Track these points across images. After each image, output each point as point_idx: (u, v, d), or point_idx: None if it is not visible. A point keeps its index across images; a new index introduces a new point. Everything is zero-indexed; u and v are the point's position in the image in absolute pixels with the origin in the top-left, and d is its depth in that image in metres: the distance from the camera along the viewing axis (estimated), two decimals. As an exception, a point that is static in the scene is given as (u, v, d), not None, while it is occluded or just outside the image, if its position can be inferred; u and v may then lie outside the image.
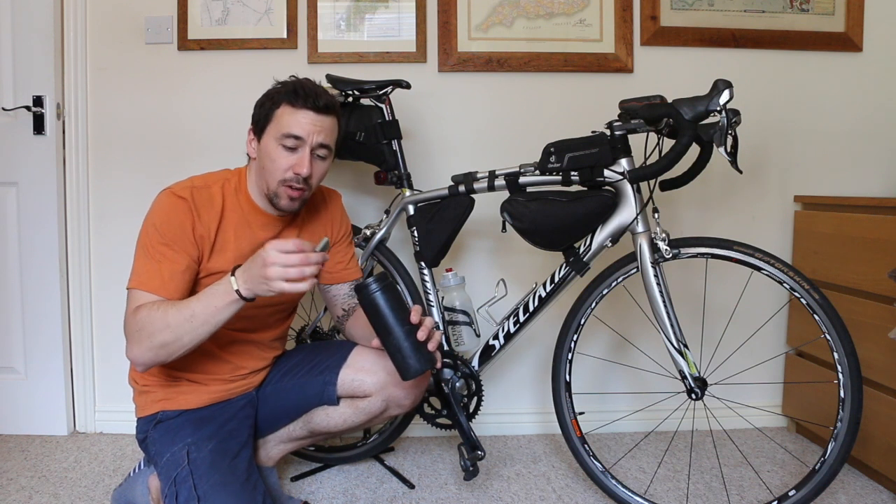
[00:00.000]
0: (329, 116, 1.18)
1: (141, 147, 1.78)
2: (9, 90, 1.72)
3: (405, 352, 1.07)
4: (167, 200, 1.14)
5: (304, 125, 1.14)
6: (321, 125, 1.16)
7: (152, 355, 1.05)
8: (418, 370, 1.07)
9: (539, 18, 1.79)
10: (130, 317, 1.07)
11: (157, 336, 1.03)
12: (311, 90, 1.16)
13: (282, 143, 1.15)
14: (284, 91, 1.16)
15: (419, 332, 1.07)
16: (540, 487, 1.52)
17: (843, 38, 1.83)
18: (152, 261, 1.10)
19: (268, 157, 1.17)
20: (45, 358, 1.78)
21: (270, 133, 1.17)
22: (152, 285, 1.08)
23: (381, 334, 1.08)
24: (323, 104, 1.16)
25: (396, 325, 1.06)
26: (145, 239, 1.12)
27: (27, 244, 1.76)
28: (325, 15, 1.77)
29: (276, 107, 1.16)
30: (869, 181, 1.88)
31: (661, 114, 1.20)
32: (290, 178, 1.16)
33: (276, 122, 1.16)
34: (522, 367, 1.87)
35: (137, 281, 1.09)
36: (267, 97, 1.19)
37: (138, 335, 1.05)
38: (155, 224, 1.12)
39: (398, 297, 1.09)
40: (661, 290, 1.27)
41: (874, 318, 1.49)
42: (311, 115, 1.15)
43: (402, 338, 1.06)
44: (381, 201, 1.80)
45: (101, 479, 1.53)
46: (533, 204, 1.33)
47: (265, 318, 1.30)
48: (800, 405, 1.81)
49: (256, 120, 1.20)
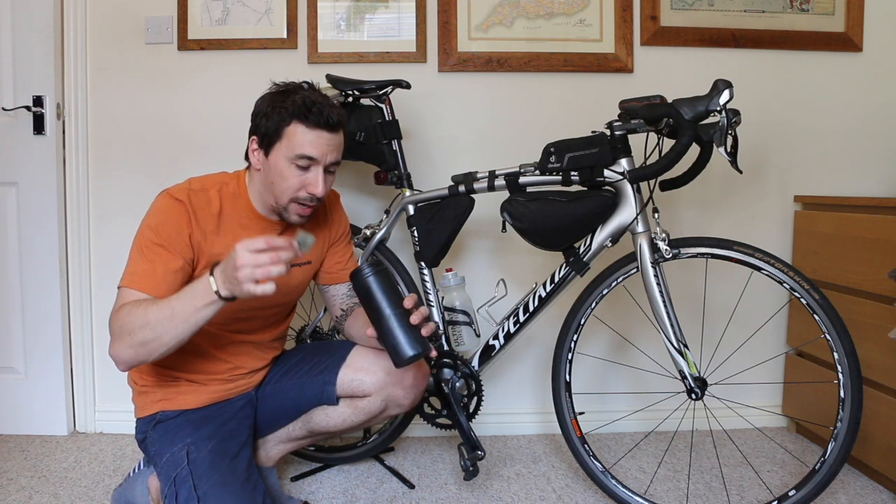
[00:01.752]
0: (340, 132, 1.16)
1: (141, 147, 1.78)
2: (9, 90, 1.72)
3: (397, 335, 1.05)
4: (164, 203, 1.13)
5: (319, 146, 1.11)
6: (334, 143, 1.14)
7: (133, 353, 1.02)
8: (411, 355, 1.04)
9: (539, 18, 1.79)
10: (114, 314, 1.05)
11: (137, 334, 1.00)
12: (322, 106, 1.11)
13: (295, 162, 1.12)
14: (293, 106, 1.11)
15: (412, 317, 1.06)
16: (540, 487, 1.52)
17: (843, 38, 1.83)
18: (146, 260, 1.09)
19: (278, 174, 1.13)
20: (45, 358, 1.78)
21: (281, 151, 1.12)
22: (145, 285, 1.07)
23: (374, 318, 1.07)
24: (336, 121, 1.12)
25: (389, 308, 1.05)
26: (141, 239, 1.11)
27: (27, 244, 1.76)
28: (325, 15, 1.77)
29: (285, 123, 1.11)
30: (869, 181, 1.88)
31: (661, 114, 1.20)
32: (304, 196, 1.14)
33: (287, 140, 1.11)
34: (522, 367, 1.87)
35: (129, 280, 1.08)
36: (272, 108, 1.12)
37: (119, 332, 1.02)
38: (151, 225, 1.11)
39: (391, 282, 1.08)
40: (661, 290, 1.27)
41: (874, 318, 1.49)
42: (325, 135, 1.12)
43: (395, 320, 1.05)
44: (381, 201, 1.80)
45: (101, 479, 1.53)
46: (533, 204, 1.33)
47: (264, 319, 1.30)
48: (800, 405, 1.81)
49: (264, 133, 1.14)
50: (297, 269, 1.30)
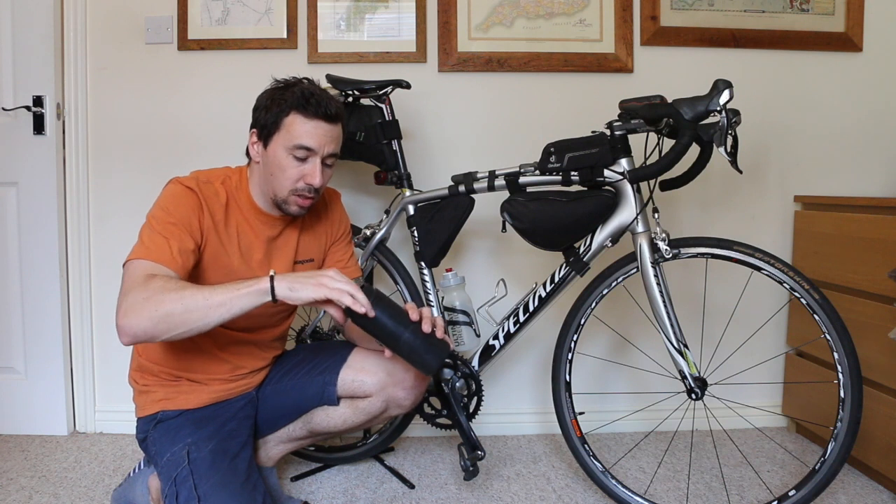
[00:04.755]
0: (338, 124, 1.17)
1: (141, 147, 1.78)
2: (9, 90, 1.72)
3: (419, 350, 1.05)
4: (176, 188, 1.13)
5: (317, 136, 1.12)
6: (332, 134, 1.15)
7: (150, 325, 0.95)
8: (439, 361, 1.06)
9: (539, 18, 1.79)
10: (139, 284, 0.98)
11: (165, 305, 0.95)
12: (321, 98, 1.13)
13: (292, 153, 1.13)
14: (292, 98, 1.13)
15: (423, 326, 1.06)
16: (540, 487, 1.52)
17: (843, 38, 1.83)
18: (160, 236, 1.06)
19: (277, 166, 1.14)
20: (45, 358, 1.78)
21: (279, 142, 1.14)
22: (163, 257, 1.03)
23: (390, 344, 1.06)
24: (334, 112, 1.14)
25: (401, 330, 1.05)
26: (152, 220, 1.09)
27: (27, 244, 1.76)
28: (325, 15, 1.77)
29: (284, 114, 1.13)
30: (869, 181, 1.88)
31: (661, 114, 1.20)
32: (302, 188, 1.15)
33: (285, 131, 1.13)
34: (522, 367, 1.87)
35: (145, 251, 1.03)
36: (272, 101, 1.14)
37: (143, 303, 0.95)
38: (164, 207, 1.10)
39: (391, 304, 1.07)
40: (661, 290, 1.27)
41: (874, 318, 1.49)
42: (323, 125, 1.13)
43: (412, 339, 1.05)
44: (381, 201, 1.80)
45: (101, 479, 1.53)
46: (533, 204, 1.33)
47: (265, 319, 1.29)
48: (800, 405, 1.81)
49: (263, 125, 1.15)
50: (298, 267, 1.30)
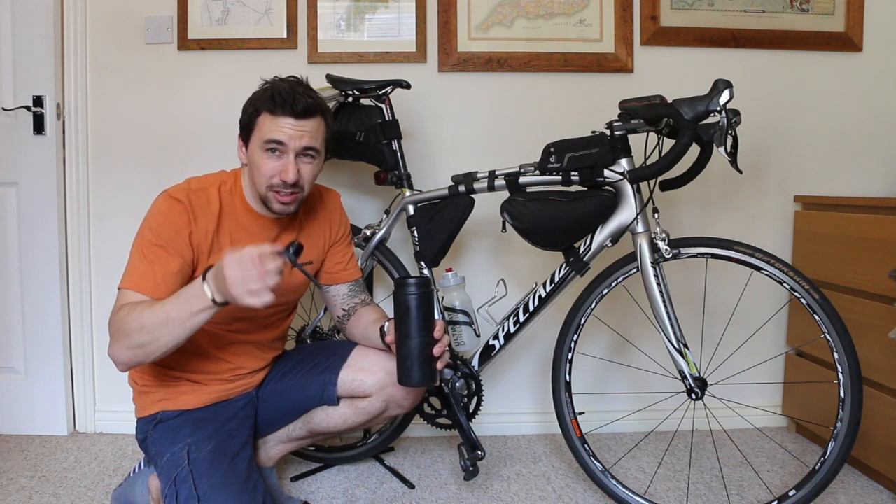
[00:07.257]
0: (311, 119, 1.15)
1: (141, 147, 1.78)
2: (9, 90, 1.72)
3: (415, 360, 1.07)
4: (164, 203, 1.15)
5: (285, 131, 1.13)
6: (303, 129, 1.14)
7: (131, 354, 1.04)
8: (418, 382, 1.08)
9: (539, 18, 1.79)
10: (113, 315, 1.06)
11: (134, 337, 1.02)
12: (288, 95, 1.12)
13: (265, 148, 1.14)
14: (263, 97, 1.14)
15: (436, 348, 1.08)
16: (540, 487, 1.52)
17: (843, 38, 1.83)
18: (146, 262, 1.10)
19: (254, 164, 1.16)
20: (45, 358, 1.78)
21: (255, 141, 1.16)
22: (144, 286, 1.08)
23: (401, 335, 1.08)
24: (302, 108, 1.13)
25: (417, 333, 1.06)
26: (140, 240, 1.12)
27: (27, 244, 1.76)
28: (325, 15, 1.77)
29: (257, 114, 1.15)
30: (869, 181, 1.88)
31: (661, 114, 1.21)
32: (277, 184, 1.15)
33: (258, 130, 1.15)
34: (522, 367, 1.87)
35: (129, 281, 1.09)
36: (250, 102, 1.17)
37: (117, 334, 1.04)
38: (151, 226, 1.12)
39: (431, 307, 1.09)
40: (661, 290, 1.27)
41: (874, 318, 1.49)
42: (290, 120, 1.13)
43: (419, 347, 1.07)
44: (381, 201, 1.80)
45: (101, 479, 1.53)
46: (533, 204, 1.33)
47: (264, 319, 1.29)
48: (800, 405, 1.81)
49: (242, 126, 1.19)
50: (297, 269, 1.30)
